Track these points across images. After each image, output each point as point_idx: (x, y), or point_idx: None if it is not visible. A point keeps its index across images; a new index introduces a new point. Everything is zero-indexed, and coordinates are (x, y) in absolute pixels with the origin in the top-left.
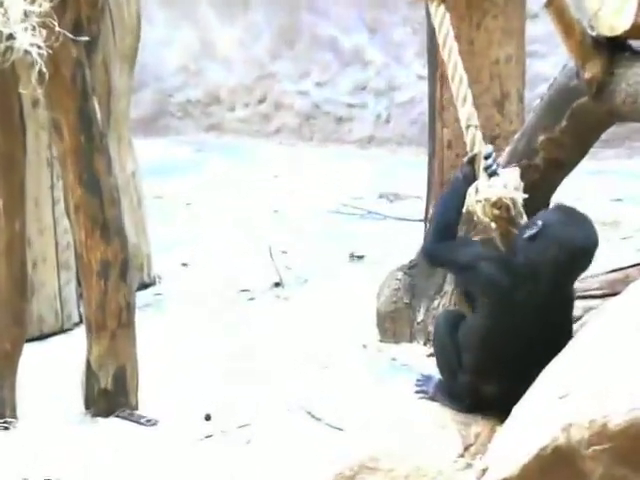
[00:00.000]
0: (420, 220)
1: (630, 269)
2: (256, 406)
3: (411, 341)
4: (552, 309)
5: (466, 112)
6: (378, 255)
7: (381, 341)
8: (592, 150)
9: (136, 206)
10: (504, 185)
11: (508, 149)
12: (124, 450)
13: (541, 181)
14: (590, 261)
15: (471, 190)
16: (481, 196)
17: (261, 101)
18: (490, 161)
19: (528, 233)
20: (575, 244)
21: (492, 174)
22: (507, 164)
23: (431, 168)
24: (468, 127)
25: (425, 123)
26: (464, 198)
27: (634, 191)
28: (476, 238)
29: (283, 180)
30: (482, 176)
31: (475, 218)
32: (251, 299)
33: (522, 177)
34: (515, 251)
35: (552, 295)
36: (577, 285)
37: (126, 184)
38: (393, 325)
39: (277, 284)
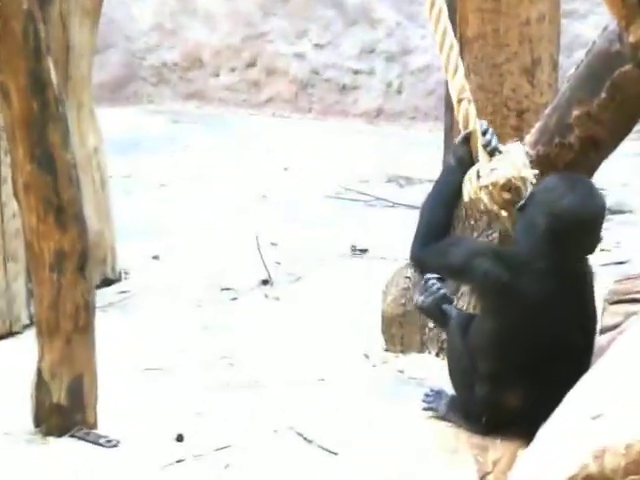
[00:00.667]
0: None
1: None
2: (237, 425)
3: (421, 351)
4: (564, 297)
5: (457, 84)
6: (384, 249)
7: (386, 350)
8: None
9: (99, 187)
10: (511, 163)
11: (538, 125)
12: (80, 476)
13: (576, 163)
14: (593, 232)
15: (471, 175)
16: (486, 180)
17: (250, 65)
18: (489, 136)
19: (518, 205)
20: (564, 209)
21: (493, 152)
22: (536, 143)
23: (448, 147)
24: (460, 101)
25: (443, 94)
26: (459, 188)
27: None
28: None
29: (275, 159)
30: (482, 156)
31: (481, 208)
32: (234, 299)
33: (552, 156)
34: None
35: (559, 280)
36: (616, 287)
37: (87, 161)
38: (401, 331)
39: (265, 281)
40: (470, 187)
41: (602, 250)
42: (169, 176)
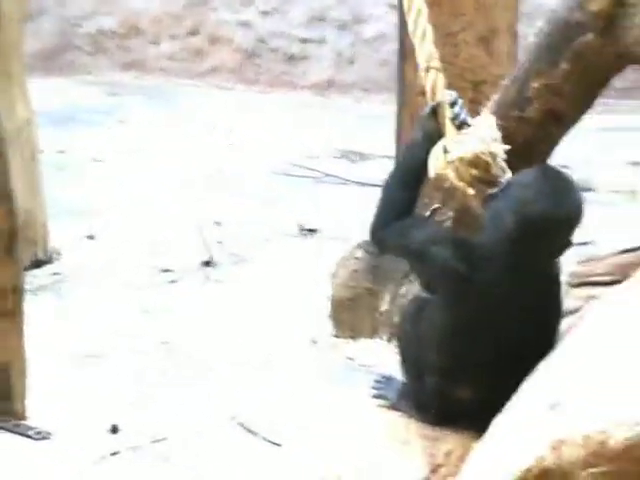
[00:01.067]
0: None
1: None
2: (176, 415)
3: (372, 336)
4: (525, 296)
5: (425, 51)
6: (334, 229)
7: (335, 336)
8: (605, 102)
9: (29, 162)
10: (480, 138)
11: (495, 98)
12: (8, 470)
13: (536, 138)
14: (563, 237)
15: (437, 150)
16: (453, 155)
17: (192, 33)
18: (457, 109)
19: (491, 193)
20: (536, 212)
21: (462, 125)
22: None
23: (400, 120)
24: (428, 69)
25: (397, 64)
26: (425, 164)
27: None
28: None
29: (219, 133)
30: (449, 129)
31: (447, 185)
32: (174, 281)
33: (510, 130)
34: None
35: (520, 279)
36: (578, 269)
37: (16, 134)
38: (350, 316)
39: (207, 263)
40: (436, 162)
41: None
42: (106, 151)
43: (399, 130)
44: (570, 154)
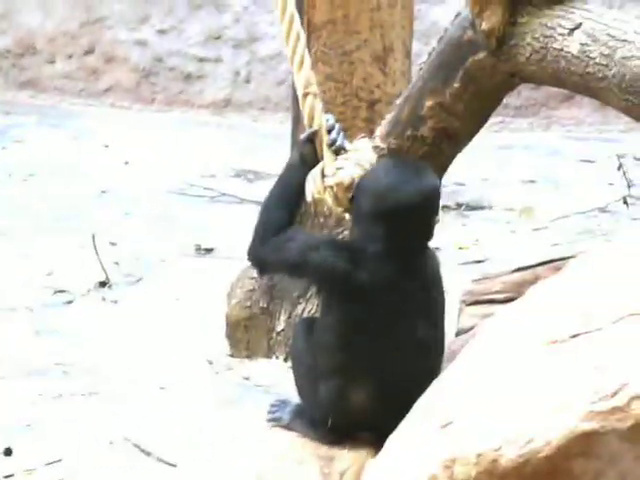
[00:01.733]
0: None
1: (540, 268)
2: (70, 437)
3: (268, 356)
4: (404, 286)
5: (303, 77)
6: (231, 248)
7: (231, 355)
8: (502, 120)
9: None
10: (356, 163)
11: (389, 117)
12: None
13: (429, 156)
14: (422, 213)
15: (314, 174)
16: (331, 180)
17: (88, 52)
18: (334, 135)
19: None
20: (386, 188)
21: (339, 150)
22: (388, 135)
23: (295, 139)
24: (306, 95)
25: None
26: (302, 187)
27: (551, 171)
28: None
29: (115, 153)
30: (327, 154)
31: (325, 209)
32: (69, 302)
33: (404, 149)
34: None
35: (397, 267)
36: (473, 287)
37: None
38: (246, 335)
39: (103, 283)
40: (314, 186)
41: (460, 248)
42: (0, 171)
43: (293, 148)
44: (465, 172)
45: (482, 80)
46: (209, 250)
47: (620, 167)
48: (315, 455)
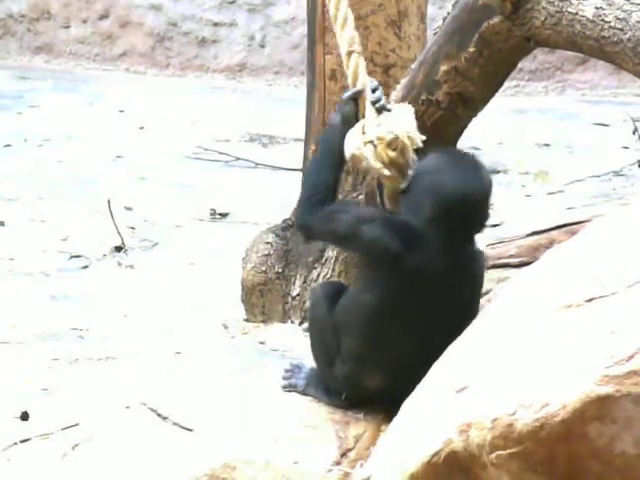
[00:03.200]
0: (299, 169)
1: (555, 232)
2: (86, 401)
3: (284, 320)
4: (449, 280)
5: (347, 35)
6: (246, 212)
7: (247, 320)
8: (517, 84)
9: None
10: (399, 121)
11: (404, 81)
12: None
13: (444, 120)
14: (480, 210)
15: (355, 131)
16: (372, 135)
17: (103, 17)
18: (378, 94)
19: (402, 186)
20: (449, 192)
21: (381, 109)
22: (403, 99)
23: (310, 103)
24: (350, 54)
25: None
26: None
27: (566, 134)
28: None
29: (130, 118)
30: (369, 112)
31: (363, 165)
32: (85, 267)
33: (419, 113)
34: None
35: (447, 260)
36: (488, 251)
37: None
38: (262, 300)
39: (118, 248)
40: (353, 142)
41: None
42: (16, 136)
43: (309, 113)
44: (481, 136)
45: (497, 44)
46: (224, 215)
47: (635, 131)
48: (330, 420)
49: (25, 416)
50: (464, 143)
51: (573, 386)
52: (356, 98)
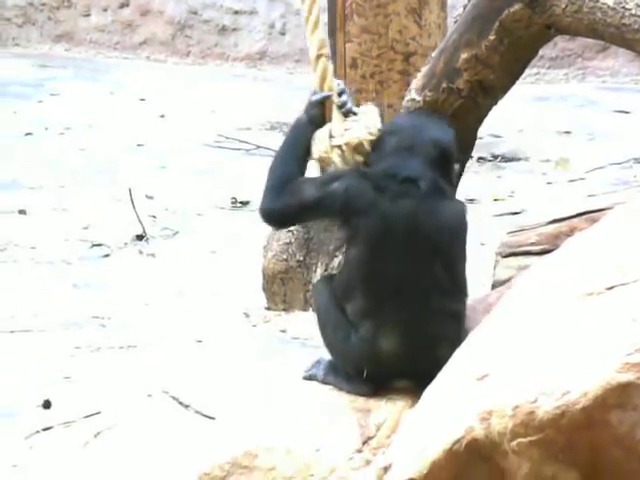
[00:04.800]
0: None
1: (576, 219)
2: (109, 390)
3: (305, 309)
4: (430, 221)
5: (316, 39)
6: None
7: (268, 308)
8: (537, 71)
9: None
10: (365, 125)
11: (425, 69)
12: None
13: (465, 108)
14: (440, 153)
15: (321, 134)
16: (339, 140)
17: (123, 5)
18: (345, 97)
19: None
20: (404, 125)
21: (348, 113)
22: (423, 88)
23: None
24: (319, 57)
25: None
26: (309, 145)
27: (586, 122)
28: None
29: (151, 106)
30: (336, 116)
31: (331, 168)
32: (106, 255)
33: (439, 101)
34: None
35: (425, 201)
36: (509, 239)
37: None
38: (283, 288)
39: (140, 237)
40: (321, 145)
41: (496, 200)
42: (36, 125)
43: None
44: (501, 124)
45: (517, 32)
46: (245, 203)
47: None
48: (351, 407)
49: (47, 404)
50: (485, 131)
51: (594, 373)
52: (323, 102)
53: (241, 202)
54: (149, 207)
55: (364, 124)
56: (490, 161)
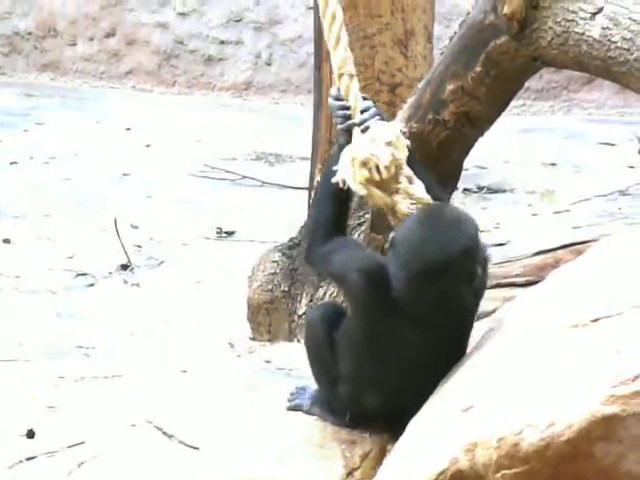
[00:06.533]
0: (305, 188)
1: (561, 251)
2: (92, 419)
3: (290, 339)
4: (440, 324)
5: (338, 57)
6: (252, 231)
7: (253, 339)
8: (523, 103)
9: None
10: (372, 139)
11: (411, 100)
12: None
13: (451, 140)
14: (461, 270)
15: (344, 155)
16: (350, 158)
17: (109, 35)
18: (366, 115)
19: (387, 243)
20: (425, 263)
21: (365, 129)
22: (409, 119)
23: (316, 122)
24: (341, 76)
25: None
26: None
27: (572, 154)
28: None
29: (136, 135)
30: (356, 135)
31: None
32: (91, 285)
33: (425, 133)
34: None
35: (436, 313)
36: (494, 270)
37: None
38: (268, 319)
39: (125, 266)
40: (341, 166)
41: (481, 231)
42: (22, 154)
43: (316, 132)
44: (487, 155)
45: (504, 64)
46: (230, 233)
47: None
48: (336, 439)
49: (31, 434)
50: (470, 162)
51: (579, 406)
52: (351, 129)
53: (226, 232)
54: (134, 237)
55: (371, 138)
56: (475, 192)
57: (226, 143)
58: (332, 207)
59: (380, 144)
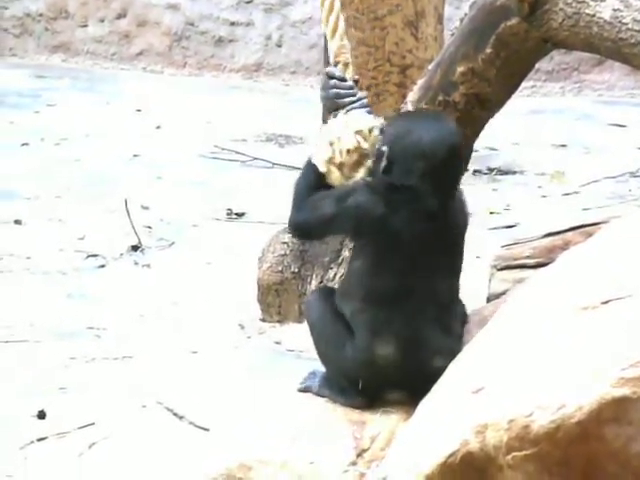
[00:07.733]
0: None
1: (571, 233)
2: (103, 400)
3: (300, 320)
4: (436, 236)
5: (335, 45)
6: (262, 212)
7: (263, 320)
8: (533, 84)
9: None
10: (346, 123)
11: (421, 82)
12: None
13: (461, 121)
14: (455, 164)
15: (319, 133)
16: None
17: (120, 16)
18: (355, 104)
19: (381, 167)
20: (426, 149)
21: (346, 114)
22: (419, 100)
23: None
24: (336, 64)
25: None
26: None
27: (582, 135)
28: None
29: (147, 117)
30: (335, 117)
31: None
32: (102, 266)
33: None
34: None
35: (430, 225)
36: (504, 252)
37: None
38: (278, 300)
39: (135, 247)
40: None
41: (491, 213)
42: (33, 135)
43: (325, 113)
44: (497, 137)
45: (514, 46)
46: (240, 214)
47: None
48: (346, 420)
49: (42, 415)
50: (481, 144)
51: (589, 388)
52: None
53: (236, 213)
54: (145, 218)
55: (344, 121)
56: (486, 174)
57: (236, 124)
58: (311, 179)
59: (350, 130)
